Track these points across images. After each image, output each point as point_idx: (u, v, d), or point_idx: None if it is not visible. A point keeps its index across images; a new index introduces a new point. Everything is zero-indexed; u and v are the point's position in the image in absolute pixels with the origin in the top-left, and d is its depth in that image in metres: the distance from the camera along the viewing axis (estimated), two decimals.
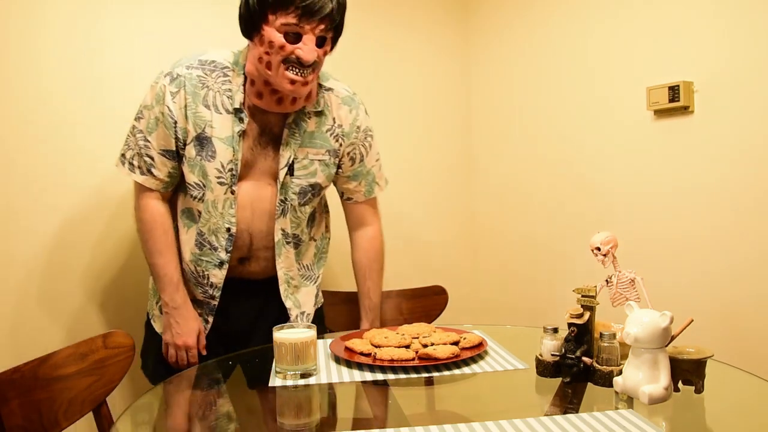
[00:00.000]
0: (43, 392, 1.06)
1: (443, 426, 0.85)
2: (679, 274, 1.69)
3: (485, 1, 2.45)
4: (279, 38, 1.18)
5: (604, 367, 1.01)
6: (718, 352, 1.02)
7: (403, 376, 1.09)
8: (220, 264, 1.37)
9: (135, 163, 1.33)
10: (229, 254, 1.37)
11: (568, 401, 0.98)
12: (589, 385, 1.03)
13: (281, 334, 1.11)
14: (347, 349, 1.21)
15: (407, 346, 1.19)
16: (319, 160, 1.38)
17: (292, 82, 1.21)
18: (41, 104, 1.80)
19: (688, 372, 0.95)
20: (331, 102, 1.41)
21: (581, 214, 2.03)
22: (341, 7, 1.25)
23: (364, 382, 1.07)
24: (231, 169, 1.30)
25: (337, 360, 1.19)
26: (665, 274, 1.72)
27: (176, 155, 1.32)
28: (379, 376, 1.09)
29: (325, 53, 1.26)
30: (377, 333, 1.25)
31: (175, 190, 1.41)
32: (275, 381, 1.08)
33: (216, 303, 1.41)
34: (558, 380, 1.05)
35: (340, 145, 1.42)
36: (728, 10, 1.54)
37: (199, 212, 1.36)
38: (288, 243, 1.42)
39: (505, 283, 2.40)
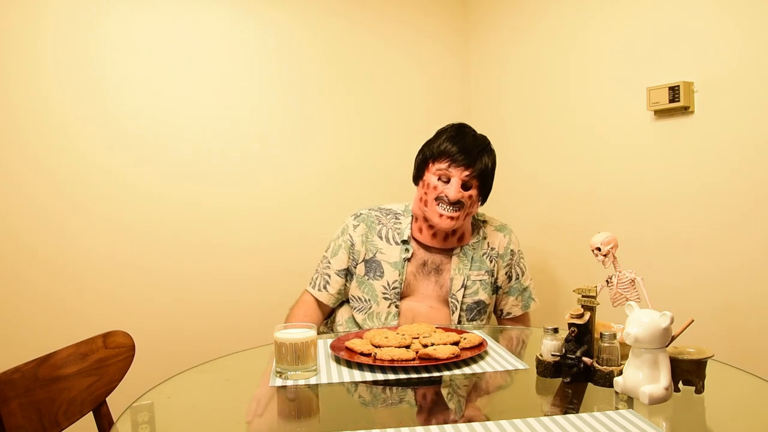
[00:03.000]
0: (43, 392, 1.06)
1: (443, 426, 0.85)
2: (680, 274, 1.69)
3: (485, 2, 2.45)
4: (434, 180, 1.51)
5: (605, 367, 1.01)
6: (718, 352, 1.02)
7: (403, 376, 1.10)
8: None
9: (317, 280, 1.65)
10: None
11: (569, 401, 0.98)
12: (590, 385, 1.03)
13: (281, 334, 1.10)
14: (347, 349, 1.21)
15: (407, 347, 1.19)
16: (480, 281, 1.60)
17: (440, 215, 1.50)
18: (38, 105, 1.81)
19: (688, 372, 0.95)
20: (487, 231, 1.65)
21: (581, 214, 2.03)
22: (485, 167, 1.53)
23: (364, 382, 1.07)
24: (395, 288, 1.55)
25: (338, 360, 1.19)
26: (666, 274, 1.72)
27: (347, 273, 1.61)
28: (379, 377, 1.09)
29: (471, 197, 1.52)
30: (377, 333, 1.25)
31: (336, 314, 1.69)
32: (275, 381, 1.08)
33: None
34: (558, 380, 1.06)
35: (495, 266, 1.63)
36: (729, 10, 1.54)
37: (358, 322, 1.61)
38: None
39: None
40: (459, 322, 1.58)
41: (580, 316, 1.05)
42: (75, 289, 1.85)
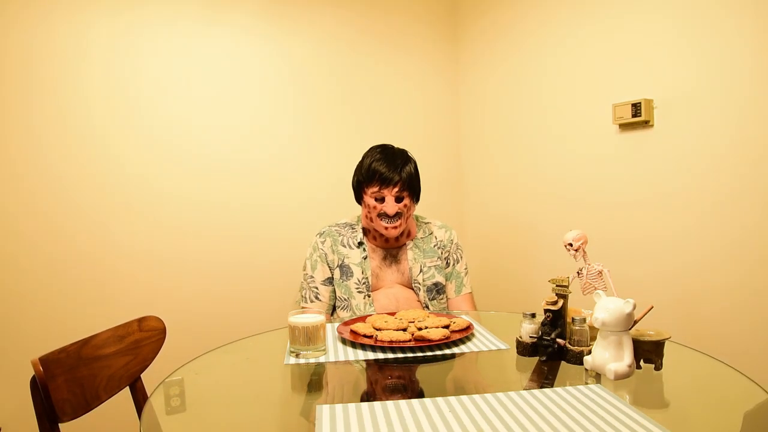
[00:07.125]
0: (85, 369, 1.06)
1: (436, 399, 0.85)
2: (642, 267, 1.70)
3: (472, 29, 2.45)
4: (372, 201, 1.57)
5: (576, 347, 1.01)
6: (674, 335, 1.02)
7: (400, 355, 1.10)
8: None
9: (306, 296, 1.64)
10: None
11: (544, 377, 0.98)
12: (563, 363, 1.03)
13: (295, 319, 1.11)
14: (352, 331, 1.21)
15: (404, 329, 1.19)
16: (434, 266, 1.67)
17: (386, 228, 1.58)
18: (82, 118, 1.81)
19: (648, 352, 0.96)
20: (432, 229, 1.73)
21: (556, 216, 2.03)
22: (409, 176, 1.58)
23: (366, 361, 1.08)
24: (365, 282, 1.61)
25: (344, 341, 1.19)
26: (629, 267, 1.72)
27: (332, 281, 1.64)
28: (380, 356, 1.09)
29: (405, 206, 1.58)
30: (378, 318, 1.25)
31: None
32: (289, 360, 1.09)
33: None
34: (535, 359, 1.06)
35: (442, 253, 1.70)
36: (684, 36, 1.55)
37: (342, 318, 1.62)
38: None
39: (490, 275, 2.41)
40: (418, 300, 1.63)
41: (555, 303, 1.05)
42: (114, 279, 1.85)
